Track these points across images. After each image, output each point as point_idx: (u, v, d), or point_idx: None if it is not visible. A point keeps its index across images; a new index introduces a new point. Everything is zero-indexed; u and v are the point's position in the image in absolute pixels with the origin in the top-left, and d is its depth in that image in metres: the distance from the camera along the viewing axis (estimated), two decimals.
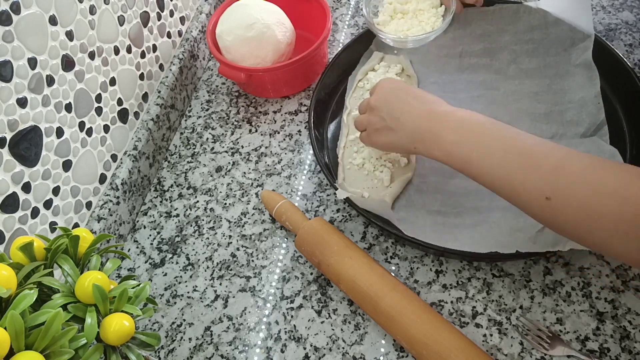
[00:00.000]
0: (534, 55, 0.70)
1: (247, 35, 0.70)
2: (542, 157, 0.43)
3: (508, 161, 0.45)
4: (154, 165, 0.71)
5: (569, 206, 0.41)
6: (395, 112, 0.53)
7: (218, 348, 0.56)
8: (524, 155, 0.44)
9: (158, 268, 0.63)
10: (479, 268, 0.57)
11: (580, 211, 0.40)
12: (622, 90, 0.64)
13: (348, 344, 0.54)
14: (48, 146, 0.54)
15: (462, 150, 0.48)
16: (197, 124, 0.77)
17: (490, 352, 0.52)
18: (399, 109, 0.53)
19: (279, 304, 0.58)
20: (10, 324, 0.32)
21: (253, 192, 0.68)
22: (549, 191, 0.42)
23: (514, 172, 0.44)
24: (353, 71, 0.75)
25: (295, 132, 0.73)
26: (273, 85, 0.75)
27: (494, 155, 0.46)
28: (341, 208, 0.64)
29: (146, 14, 0.70)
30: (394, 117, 0.53)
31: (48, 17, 0.52)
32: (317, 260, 0.57)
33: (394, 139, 0.54)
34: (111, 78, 0.63)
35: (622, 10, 0.79)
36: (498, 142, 0.46)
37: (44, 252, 0.40)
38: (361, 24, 0.85)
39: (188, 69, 0.79)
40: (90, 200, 0.61)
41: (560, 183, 0.41)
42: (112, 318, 0.37)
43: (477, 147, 0.47)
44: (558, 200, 0.41)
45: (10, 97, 0.48)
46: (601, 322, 0.52)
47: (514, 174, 0.44)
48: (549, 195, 0.42)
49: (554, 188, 0.42)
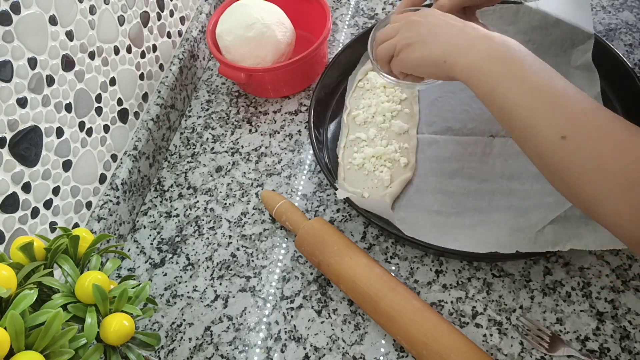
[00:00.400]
0: None
1: (247, 35, 0.70)
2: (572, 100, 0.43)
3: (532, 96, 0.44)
4: (154, 165, 0.71)
5: (582, 150, 0.40)
6: (434, 28, 0.52)
7: (218, 348, 0.56)
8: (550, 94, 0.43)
9: (158, 268, 0.63)
10: (479, 268, 0.57)
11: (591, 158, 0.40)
12: (622, 90, 0.64)
13: (348, 344, 0.54)
14: (48, 146, 0.54)
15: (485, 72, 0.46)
16: (197, 124, 0.77)
17: (490, 352, 0.52)
18: (437, 25, 0.52)
19: (279, 304, 0.58)
20: (10, 324, 0.32)
21: (253, 192, 0.68)
22: (568, 130, 0.41)
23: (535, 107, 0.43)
24: (353, 71, 0.75)
25: (295, 132, 0.73)
26: (273, 85, 0.75)
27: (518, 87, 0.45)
28: (341, 208, 0.64)
29: (146, 14, 0.70)
30: (431, 32, 0.52)
31: (48, 17, 0.52)
32: (317, 260, 0.57)
33: (426, 53, 0.52)
34: (111, 78, 0.63)
35: (622, 10, 0.79)
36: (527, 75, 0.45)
37: (44, 252, 0.40)
38: (361, 24, 0.85)
39: (188, 69, 0.79)
40: (90, 200, 0.61)
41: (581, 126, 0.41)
42: (112, 318, 0.37)
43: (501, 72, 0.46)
44: (573, 141, 0.41)
45: (10, 97, 0.48)
46: (601, 322, 0.52)
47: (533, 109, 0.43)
48: (565, 135, 0.41)
49: (574, 129, 0.41)
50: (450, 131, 0.67)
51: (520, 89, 0.44)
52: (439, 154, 0.65)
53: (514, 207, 0.58)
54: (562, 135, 0.41)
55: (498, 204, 0.59)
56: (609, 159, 0.39)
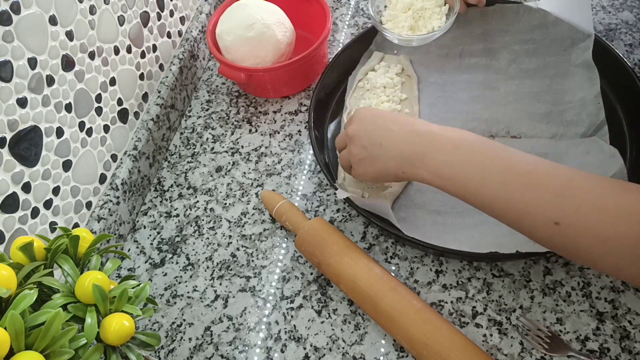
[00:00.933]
0: (534, 55, 0.70)
1: (247, 35, 0.70)
2: (547, 180, 0.41)
3: (509, 184, 0.42)
4: (154, 165, 0.71)
5: (579, 231, 0.39)
6: (375, 139, 0.51)
7: (218, 348, 0.56)
8: (526, 176, 0.41)
9: (158, 268, 0.63)
10: (479, 268, 0.57)
11: (592, 236, 0.38)
12: (622, 90, 0.64)
13: (348, 344, 0.54)
14: (48, 146, 0.54)
15: (454, 172, 0.45)
16: (197, 124, 0.77)
17: (490, 352, 0.52)
18: (379, 135, 0.51)
19: (279, 304, 0.58)
20: (10, 324, 0.32)
21: (253, 192, 0.68)
22: (557, 216, 0.39)
23: (517, 196, 0.41)
24: (353, 71, 0.75)
25: (295, 132, 0.73)
26: (273, 85, 0.75)
27: (491, 176, 0.43)
28: (341, 208, 0.64)
29: (146, 14, 0.70)
30: (375, 144, 0.50)
31: (48, 17, 0.52)
32: (317, 260, 0.57)
33: (381, 167, 0.51)
34: (111, 78, 0.63)
35: (622, 10, 0.79)
36: (494, 161, 0.43)
37: (44, 252, 0.40)
38: (361, 24, 0.85)
39: (188, 69, 0.79)
40: (90, 200, 0.61)
41: (569, 207, 0.39)
42: (112, 318, 0.37)
43: (471, 168, 0.44)
44: (567, 225, 0.39)
45: (10, 97, 0.48)
46: (601, 322, 0.52)
47: (517, 199, 0.41)
48: (557, 220, 0.39)
49: (562, 212, 0.39)
50: None
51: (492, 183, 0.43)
52: None
53: None
54: (554, 222, 0.39)
55: None
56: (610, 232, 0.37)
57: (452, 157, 0.45)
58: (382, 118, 0.52)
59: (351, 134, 0.53)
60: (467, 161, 0.44)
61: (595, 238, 0.38)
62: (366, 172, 0.53)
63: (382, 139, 0.50)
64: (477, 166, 0.44)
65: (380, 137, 0.50)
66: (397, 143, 0.49)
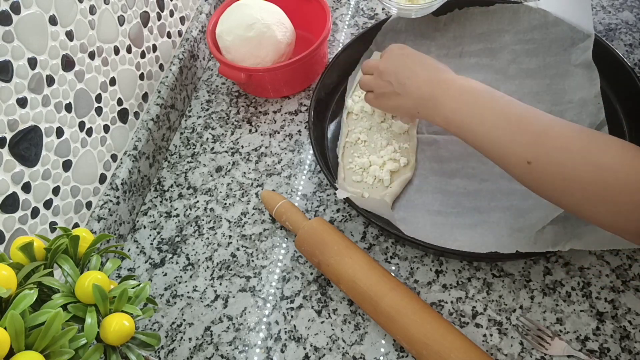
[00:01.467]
0: (534, 55, 0.70)
1: (247, 35, 0.70)
2: (527, 123, 0.46)
3: (498, 127, 0.47)
4: (154, 165, 0.71)
5: (547, 171, 0.44)
6: (401, 79, 0.56)
7: (218, 348, 0.56)
8: (512, 120, 0.47)
9: (158, 268, 0.63)
10: (479, 268, 0.57)
11: (558, 176, 0.43)
12: (622, 90, 0.64)
13: (348, 344, 0.54)
14: (48, 146, 0.54)
15: (459, 117, 0.51)
16: (197, 124, 0.77)
17: (490, 352, 0.52)
18: (405, 75, 0.56)
19: (279, 304, 0.58)
20: (10, 324, 0.32)
21: (253, 192, 0.68)
22: (530, 156, 0.44)
23: (502, 136, 0.47)
24: (353, 71, 0.75)
25: (295, 132, 0.73)
26: (273, 85, 0.75)
27: (486, 120, 0.48)
28: (341, 208, 0.64)
29: (146, 14, 0.70)
30: (400, 83, 0.56)
31: (48, 17, 0.52)
32: (317, 260, 0.57)
33: (400, 103, 0.57)
34: (111, 78, 0.63)
35: (622, 10, 0.79)
36: (491, 108, 0.49)
37: (44, 252, 0.40)
38: (361, 24, 0.85)
39: (188, 69, 0.79)
40: (90, 200, 0.61)
41: (541, 149, 0.44)
42: (112, 318, 0.37)
43: (472, 113, 0.50)
44: (538, 164, 0.44)
45: (10, 97, 0.48)
46: (601, 322, 0.52)
47: (502, 138, 0.47)
48: (530, 160, 0.44)
49: (535, 153, 0.44)
50: None
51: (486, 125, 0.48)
52: (439, 154, 0.65)
53: (514, 207, 0.58)
54: (527, 161, 0.45)
55: (498, 204, 0.59)
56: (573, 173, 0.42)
57: (458, 103, 0.51)
58: (411, 58, 0.58)
59: (382, 68, 0.59)
60: (470, 106, 0.50)
61: (560, 177, 0.43)
62: (386, 104, 0.60)
63: (406, 79, 0.56)
64: (476, 110, 0.50)
65: (405, 77, 0.56)
66: (418, 85, 0.55)
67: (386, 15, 0.83)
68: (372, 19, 0.85)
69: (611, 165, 0.41)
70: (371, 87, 0.61)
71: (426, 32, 0.75)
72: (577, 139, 0.43)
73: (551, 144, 0.44)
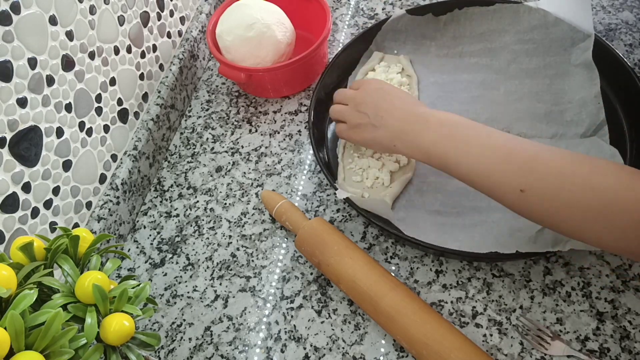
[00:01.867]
0: (534, 55, 0.70)
1: (247, 35, 0.70)
2: (515, 152, 0.46)
3: (484, 157, 0.47)
4: (154, 165, 0.71)
5: (541, 198, 0.43)
6: (379, 111, 0.56)
7: (218, 348, 0.56)
8: (498, 150, 0.47)
9: (158, 268, 0.63)
10: (479, 268, 0.57)
11: (552, 202, 0.43)
12: (622, 90, 0.64)
13: (348, 344, 0.54)
14: (48, 146, 0.54)
15: (440, 149, 0.50)
16: (197, 124, 0.77)
17: (490, 352, 0.52)
18: (383, 108, 0.56)
19: (279, 304, 0.58)
20: (10, 324, 0.32)
21: (253, 192, 0.68)
22: (522, 184, 0.44)
23: (490, 166, 0.47)
24: (353, 71, 0.75)
25: (295, 132, 0.73)
26: (273, 85, 0.75)
27: (470, 152, 0.48)
28: (341, 208, 0.64)
29: (146, 14, 0.70)
30: (378, 115, 0.56)
31: (48, 17, 0.52)
32: (317, 260, 0.57)
33: (375, 136, 0.56)
34: (111, 78, 0.63)
35: (622, 10, 0.79)
36: (474, 139, 0.48)
37: (44, 252, 0.40)
38: (361, 24, 0.85)
39: (188, 69, 0.79)
40: (90, 200, 0.61)
41: (532, 176, 0.44)
42: (112, 318, 0.37)
43: (454, 145, 0.49)
44: (531, 192, 0.44)
45: (10, 97, 0.48)
46: (601, 322, 0.52)
47: (490, 169, 0.47)
48: (523, 188, 0.44)
49: (527, 181, 0.44)
50: None
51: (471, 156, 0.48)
52: None
53: None
54: (520, 189, 0.44)
55: (498, 204, 0.59)
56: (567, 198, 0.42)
57: (438, 136, 0.51)
58: (389, 93, 0.57)
59: (358, 100, 0.58)
60: (451, 138, 0.50)
61: (555, 204, 0.42)
62: (360, 136, 0.59)
63: (385, 112, 0.55)
64: (458, 142, 0.49)
65: (383, 110, 0.56)
66: (396, 119, 0.54)
67: (386, 15, 0.83)
68: (372, 19, 0.85)
69: (609, 185, 0.40)
70: (344, 117, 0.60)
71: (426, 32, 0.75)
72: (568, 163, 0.43)
73: (543, 170, 0.43)
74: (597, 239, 0.42)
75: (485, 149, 0.47)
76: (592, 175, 0.41)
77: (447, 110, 0.68)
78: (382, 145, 0.56)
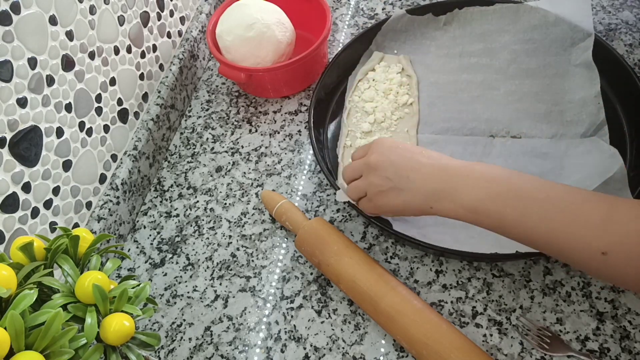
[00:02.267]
0: (534, 55, 0.70)
1: (247, 35, 0.70)
2: (587, 211, 0.41)
3: (549, 218, 0.42)
4: (154, 165, 0.71)
5: (627, 259, 0.39)
6: (402, 171, 0.49)
7: (218, 348, 0.56)
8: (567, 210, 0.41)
9: (158, 268, 0.63)
10: (479, 268, 0.57)
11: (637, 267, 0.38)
12: (622, 90, 0.64)
13: (348, 344, 0.54)
14: (48, 146, 0.54)
15: (491, 208, 0.44)
16: (197, 124, 0.77)
17: (490, 352, 0.52)
18: (406, 167, 0.49)
19: (279, 304, 0.58)
20: (10, 324, 0.32)
21: (253, 192, 0.68)
22: (603, 247, 0.39)
23: (559, 229, 0.41)
24: (353, 71, 0.75)
25: (295, 132, 0.73)
26: (273, 85, 0.75)
27: (529, 210, 0.42)
28: (341, 208, 0.64)
29: (146, 14, 0.70)
30: (402, 177, 0.49)
31: (48, 17, 0.52)
32: (317, 260, 0.57)
33: (406, 199, 0.49)
34: (111, 78, 0.63)
35: (622, 10, 0.79)
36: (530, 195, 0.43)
37: (44, 252, 0.40)
38: (361, 24, 0.85)
39: (188, 69, 0.79)
40: (90, 200, 0.61)
41: (613, 237, 0.39)
42: (112, 318, 0.37)
43: (509, 204, 0.43)
44: (615, 254, 0.39)
45: (10, 97, 0.48)
46: (601, 322, 0.52)
47: (560, 232, 0.41)
48: (604, 251, 0.39)
49: (607, 243, 0.39)
50: (450, 131, 0.67)
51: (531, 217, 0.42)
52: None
53: None
54: (601, 252, 0.39)
55: None
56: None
57: (486, 192, 0.44)
58: (407, 150, 0.51)
59: (374, 164, 0.51)
60: (503, 196, 0.44)
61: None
62: (388, 204, 0.51)
63: (410, 171, 0.49)
64: (513, 200, 0.43)
65: (408, 170, 0.49)
66: (426, 177, 0.48)
67: (386, 15, 0.83)
68: (372, 19, 0.85)
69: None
70: (363, 191, 0.53)
71: (426, 32, 0.75)
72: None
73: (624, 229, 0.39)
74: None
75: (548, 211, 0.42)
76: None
77: (447, 110, 0.69)
78: (415, 209, 0.49)
